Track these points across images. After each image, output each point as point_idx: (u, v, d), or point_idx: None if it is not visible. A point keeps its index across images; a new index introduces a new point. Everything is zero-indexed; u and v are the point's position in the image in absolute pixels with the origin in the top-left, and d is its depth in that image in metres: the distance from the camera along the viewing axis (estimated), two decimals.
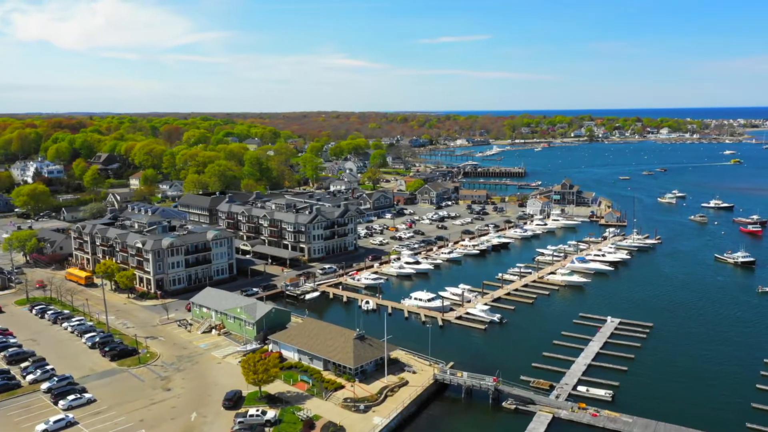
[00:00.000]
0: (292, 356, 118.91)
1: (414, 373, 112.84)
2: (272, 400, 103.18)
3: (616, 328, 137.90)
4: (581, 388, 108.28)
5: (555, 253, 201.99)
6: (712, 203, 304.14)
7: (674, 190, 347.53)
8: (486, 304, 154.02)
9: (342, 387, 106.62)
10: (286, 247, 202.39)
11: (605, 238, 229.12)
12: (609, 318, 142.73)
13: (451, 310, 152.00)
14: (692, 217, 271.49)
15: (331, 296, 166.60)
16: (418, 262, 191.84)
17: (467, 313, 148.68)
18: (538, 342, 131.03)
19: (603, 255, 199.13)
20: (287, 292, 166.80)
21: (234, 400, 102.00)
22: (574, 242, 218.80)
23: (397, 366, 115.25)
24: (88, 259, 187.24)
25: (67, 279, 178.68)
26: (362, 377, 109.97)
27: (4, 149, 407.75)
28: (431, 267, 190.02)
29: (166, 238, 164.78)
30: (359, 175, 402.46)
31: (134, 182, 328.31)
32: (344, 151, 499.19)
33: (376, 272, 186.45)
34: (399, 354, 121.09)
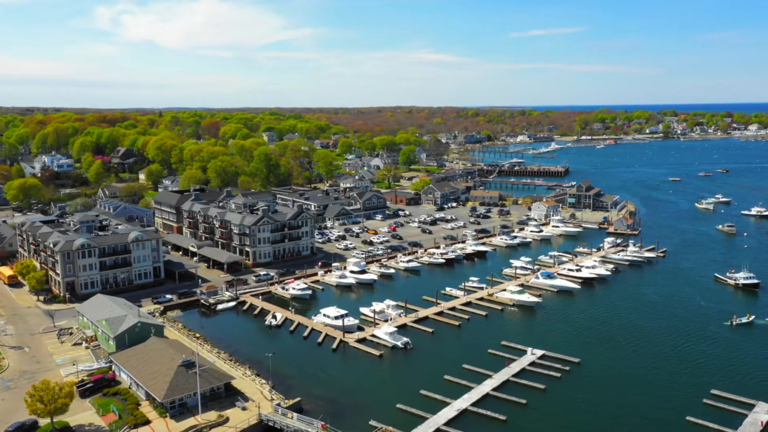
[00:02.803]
0: (126, 380, 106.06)
1: (244, 409, 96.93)
2: None
3: (531, 363, 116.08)
4: None
5: (524, 266, 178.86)
6: (753, 210, 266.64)
7: (718, 194, 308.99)
8: (397, 326, 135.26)
9: (148, 423, 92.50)
10: (234, 249, 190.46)
11: (599, 249, 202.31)
12: (530, 349, 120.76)
13: (360, 329, 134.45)
14: (720, 226, 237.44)
15: (245, 307, 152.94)
16: (363, 272, 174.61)
17: (372, 335, 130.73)
18: (428, 376, 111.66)
19: (578, 270, 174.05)
20: (201, 301, 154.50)
21: None
22: (556, 253, 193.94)
23: (230, 399, 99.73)
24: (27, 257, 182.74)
25: None
26: (180, 411, 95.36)
27: (43, 143, 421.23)
28: (375, 277, 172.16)
29: (79, 239, 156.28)
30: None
31: (143, 177, 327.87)
32: (377, 147, 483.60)
33: (316, 281, 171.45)
34: (245, 383, 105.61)
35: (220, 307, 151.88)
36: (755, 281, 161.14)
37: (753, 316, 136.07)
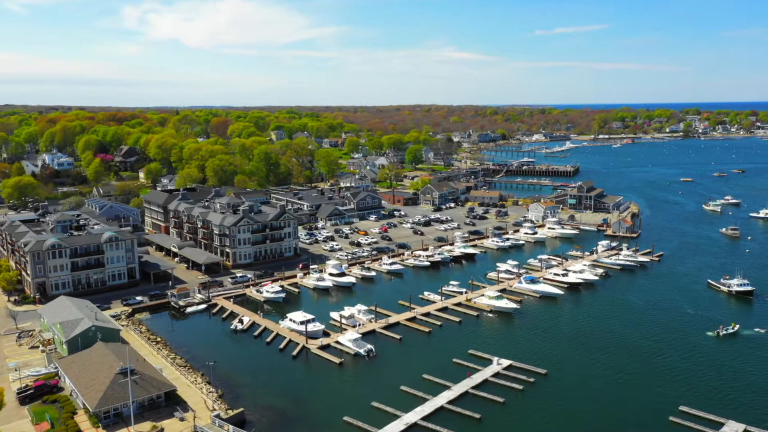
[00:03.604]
0: (69, 387, 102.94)
1: (182, 420, 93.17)
2: None
3: (495, 374, 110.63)
4: None
5: (509, 269, 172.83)
6: (761, 213, 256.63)
7: (727, 195, 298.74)
8: (365, 332, 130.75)
9: None
10: (215, 250, 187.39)
11: (592, 252, 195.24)
12: (496, 359, 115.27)
13: (325, 335, 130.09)
14: (723, 229, 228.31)
15: (215, 310, 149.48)
16: (342, 274, 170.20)
17: (336, 342, 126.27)
18: (385, 387, 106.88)
19: (565, 274, 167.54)
20: (172, 303, 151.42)
21: None
22: (545, 256, 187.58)
23: (171, 409, 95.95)
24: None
25: None
26: (114, 421, 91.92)
27: (51, 141, 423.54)
28: (353, 280, 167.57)
29: (50, 239, 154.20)
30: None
31: (143, 175, 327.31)
32: (384, 146, 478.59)
33: (294, 283, 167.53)
34: (192, 392, 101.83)
35: (190, 309, 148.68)
36: (749, 288, 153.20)
37: (737, 326, 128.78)
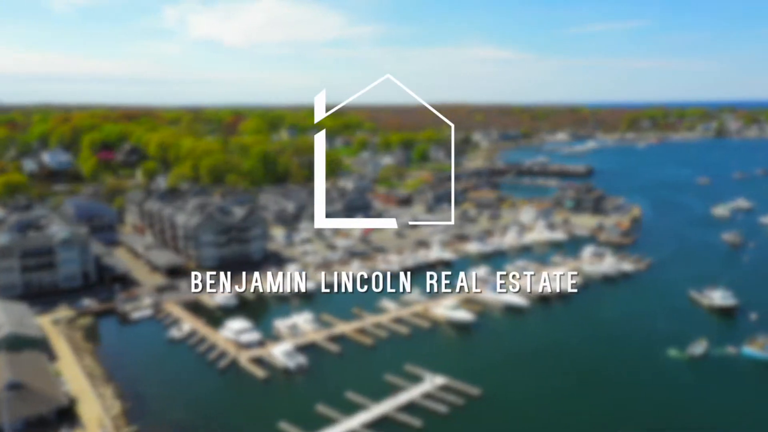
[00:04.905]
0: None
1: None
2: None
3: (424, 393, 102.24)
4: None
5: (479, 277, 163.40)
6: None
7: (739, 198, 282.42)
8: (305, 342, 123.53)
9: None
10: (181, 252, 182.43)
11: (575, 259, 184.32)
12: (430, 376, 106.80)
13: (261, 346, 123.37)
14: (726, 235, 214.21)
15: (162, 316, 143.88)
16: (304, 279, 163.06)
17: (269, 354, 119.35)
18: (301, 405, 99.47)
19: (536, 283, 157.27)
20: (118, 308, 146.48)
21: None
22: (522, 263, 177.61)
23: (59, 426, 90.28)
24: None
25: None
26: None
27: (60, 140, 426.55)
28: (313, 286, 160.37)
29: None
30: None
31: (140, 174, 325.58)
32: (392, 145, 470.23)
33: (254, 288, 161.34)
34: (94, 406, 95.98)
35: (136, 315, 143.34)
36: (732, 302, 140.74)
37: (707, 345, 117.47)
